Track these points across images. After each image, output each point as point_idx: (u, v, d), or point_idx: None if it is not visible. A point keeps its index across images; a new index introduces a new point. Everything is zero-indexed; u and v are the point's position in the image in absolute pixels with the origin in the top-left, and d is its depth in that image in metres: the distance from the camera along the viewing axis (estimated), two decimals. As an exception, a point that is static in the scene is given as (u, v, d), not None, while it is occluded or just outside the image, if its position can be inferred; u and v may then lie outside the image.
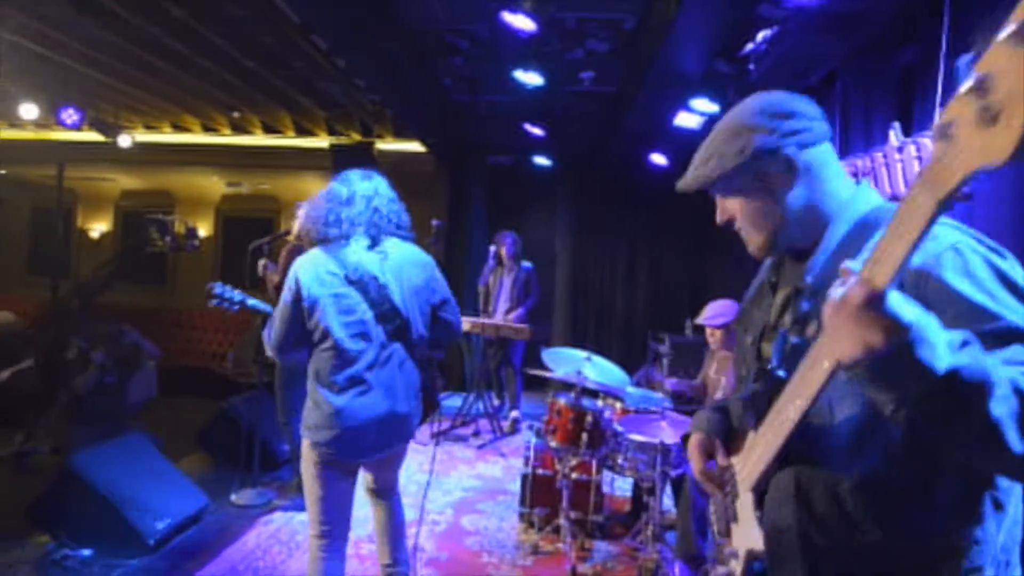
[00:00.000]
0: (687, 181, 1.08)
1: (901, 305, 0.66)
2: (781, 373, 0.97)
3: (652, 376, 5.36)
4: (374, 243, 2.00)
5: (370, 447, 1.98)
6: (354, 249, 1.98)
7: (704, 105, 4.34)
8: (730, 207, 1.07)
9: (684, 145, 6.39)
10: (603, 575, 2.96)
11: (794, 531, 0.93)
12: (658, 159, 6.10)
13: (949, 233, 0.88)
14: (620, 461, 3.04)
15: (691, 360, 4.89)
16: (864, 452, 0.89)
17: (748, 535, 1.03)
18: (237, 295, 2.55)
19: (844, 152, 3.39)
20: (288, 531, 3.22)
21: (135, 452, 3.17)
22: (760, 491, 1.01)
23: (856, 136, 3.49)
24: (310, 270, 1.94)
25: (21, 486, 3.22)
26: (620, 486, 3.92)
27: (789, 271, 1.10)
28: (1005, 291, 0.83)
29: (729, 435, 1.22)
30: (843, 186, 1.02)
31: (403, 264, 2.03)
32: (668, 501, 3.47)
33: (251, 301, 2.61)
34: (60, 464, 2.89)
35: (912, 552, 0.90)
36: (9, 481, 3.88)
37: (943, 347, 0.68)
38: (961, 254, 0.86)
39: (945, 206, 0.61)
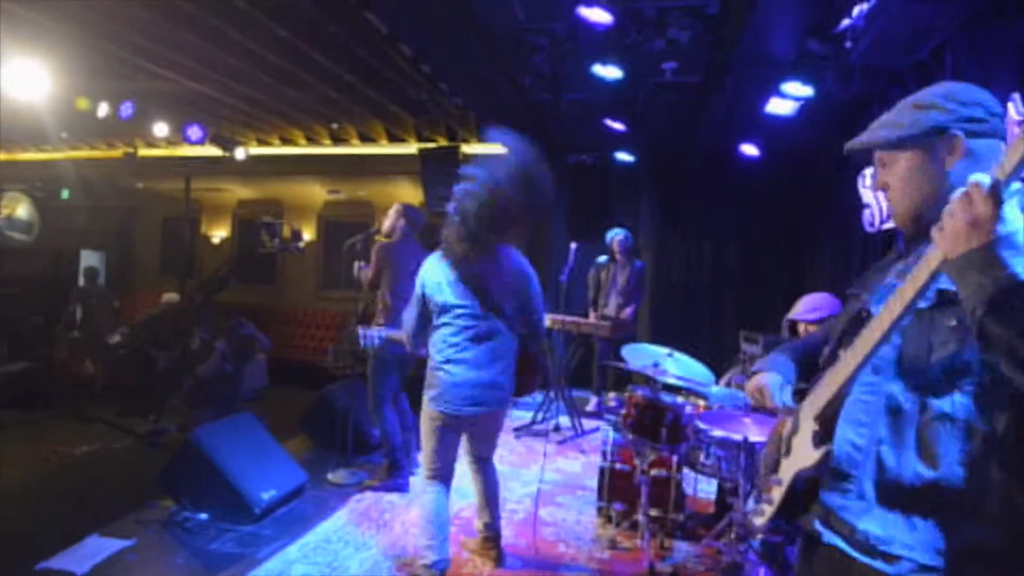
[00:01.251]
0: (856, 142, 1.15)
1: (1011, 209, 0.83)
2: (874, 310, 1.03)
3: (740, 383, 5.15)
4: None
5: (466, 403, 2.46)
6: None
7: (797, 89, 4.11)
8: (888, 175, 1.13)
9: (777, 133, 6.09)
10: (682, 575, 2.89)
11: (873, 456, 1.00)
12: (749, 149, 5.83)
13: None
14: (702, 459, 2.95)
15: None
16: (953, 380, 0.94)
17: (799, 459, 1.09)
18: (377, 335, 2.98)
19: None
20: (377, 509, 3.42)
21: (247, 431, 3.51)
22: (824, 418, 1.06)
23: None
24: None
25: (152, 459, 3.67)
26: (704, 488, 3.79)
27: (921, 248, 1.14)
28: None
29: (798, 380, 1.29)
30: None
31: None
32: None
33: (387, 334, 2.98)
34: (185, 438, 3.26)
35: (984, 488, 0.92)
36: (144, 454, 4.42)
37: None
38: None
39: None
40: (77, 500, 3.56)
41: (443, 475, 2.55)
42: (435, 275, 2.50)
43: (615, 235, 5.89)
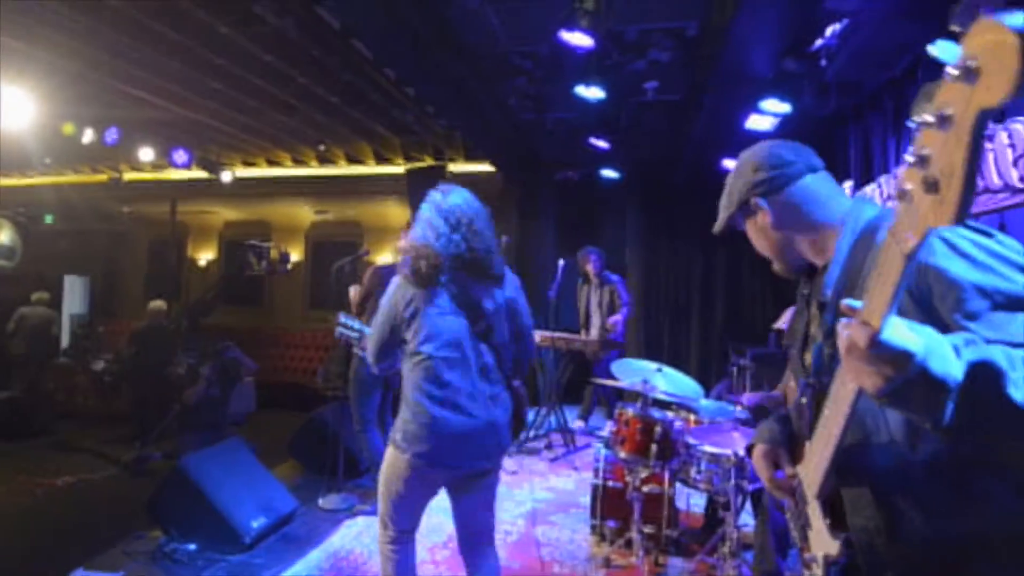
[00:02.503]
0: (716, 227, 1.29)
1: (902, 335, 0.70)
2: (817, 384, 1.04)
3: (729, 397, 5.18)
4: None
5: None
6: None
7: (775, 106, 4.21)
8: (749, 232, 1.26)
9: (756, 149, 6.22)
10: (678, 591, 2.88)
11: (882, 531, 0.95)
12: (731, 164, 5.92)
13: None
14: (693, 474, 2.96)
15: (775, 373, 4.66)
16: (921, 435, 0.91)
17: (823, 540, 1.05)
18: (358, 324, 2.59)
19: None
20: (370, 534, 3.38)
21: (235, 457, 3.46)
22: (824, 498, 1.03)
23: (944, 127, 3.26)
24: None
25: (139, 488, 3.61)
26: (697, 503, 3.79)
27: (816, 284, 1.19)
28: (999, 263, 0.86)
29: (793, 443, 1.24)
30: (837, 205, 1.14)
31: None
32: (748, 518, 3.33)
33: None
34: (172, 466, 3.21)
35: (998, 531, 0.89)
36: (130, 483, 4.34)
37: (951, 353, 0.72)
38: (948, 240, 0.90)
39: (912, 259, 0.67)
40: (62, 532, 3.49)
41: (410, 535, 2.11)
42: (436, 303, 2.00)
43: (582, 255, 5.69)
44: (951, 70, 0.59)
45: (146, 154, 6.67)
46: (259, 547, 3.12)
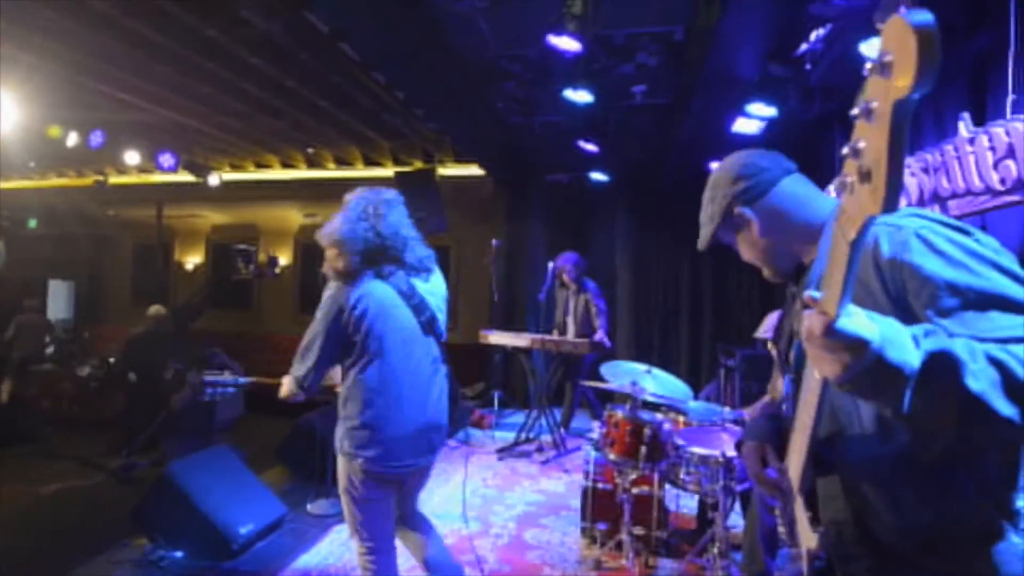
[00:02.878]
0: (700, 244, 1.30)
1: (858, 323, 0.72)
2: (799, 379, 1.03)
3: (718, 401, 5.18)
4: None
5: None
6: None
7: (761, 110, 4.25)
8: (737, 244, 1.26)
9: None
10: (668, 592, 2.89)
11: (850, 523, 0.98)
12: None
13: (912, 221, 0.95)
14: (682, 475, 2.97)
15: (765, 374, 4.70)
16: (893, 428, 0.93)
17: (807, 535, 1.07)
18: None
19: (915, 147, 3.22)
20: (358, 540, 3.36)
21: (222, 463, 3.43)
22: (805, 492, 1.04)
23: (927, 130, 3.32)
24: None
25: (125, 495, 3.56)
26: (687, 504, 3.81)
27: (802, 283, 1.21)
28: (974, 261, 0.86)
29: (782, 440, 1.25)
30: (819, 206, 1.16)
31: None
32: (737, 518, 3.35)
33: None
34: (159, 473, 3.18)
35: (961, 524, 0.91)
36: (116, 490, 4.29)
37: (910, 342, 0.74)
38: (924, 237, 0.91)
39: (856, 247, 0.70)
40: (47, 541, 3.44)
41: (388, 545, 2.10)
42: (381, 299, 1.98)
43: (562, 262, 5.49)
44: (870, 65, 0.62)
45: (132, 157, 6.61)
46: (247, 554, 3.09)
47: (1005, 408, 0.73)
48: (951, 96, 3.01)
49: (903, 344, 0.73)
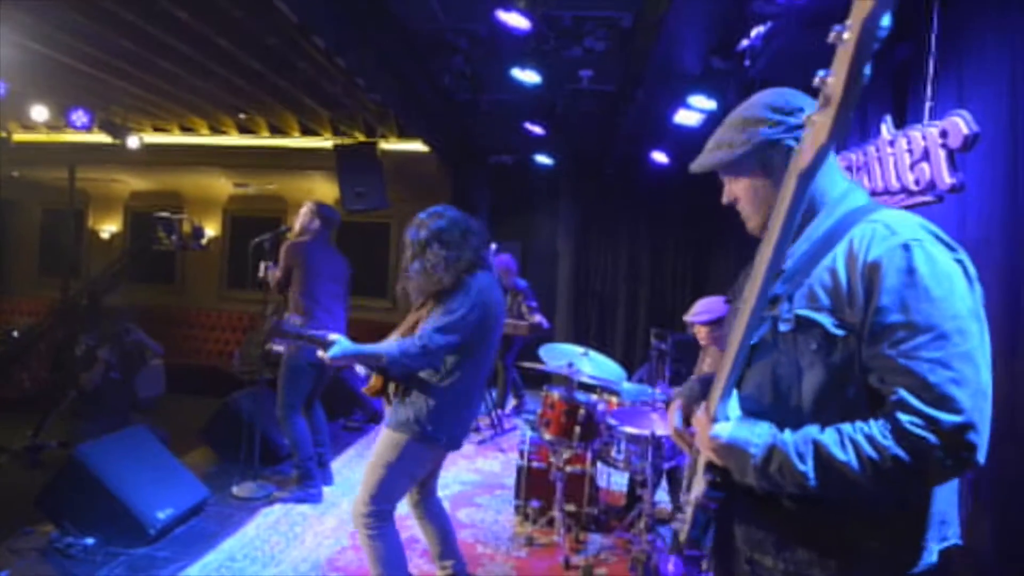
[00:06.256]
0: (699, 162, 1.17)
1: (724, 430, 0.99)
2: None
3: (651, 383, 5.33)
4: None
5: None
6: None
7: (703, 102, 4.35)
8: (735, 189, 1.16)
9: (684, 143, 6.38)
10: (596, 567, 2.99)
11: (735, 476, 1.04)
12: (659, 157, 6.10)
13: (909, 229, 0.95)
14: (614, 454, 3.06)
15: (695, 358, 4.89)
16: (826, 409, 0.97)
17: (700, 483, 1.12)
18: (295, 329, 2.34)
19: (840, 147, 3.40)
20: (287, 522, 3.27)
21: (138, 445, 3.24)
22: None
23: (854, 131, 3.49)
24: None
25: (31, 479, 3.30)
26: (617, 481, 3.94)
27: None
28: (940, 295, 0.90)
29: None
30: (836, 182, 1.10)
31: None
32: (663, 495, 3.49)
33: (309, 334, 2.31)
34: (67, 456, 2.96)
35: (855, 508, 0.97)
36: (20, 474, 3.98)
37: (756, 438, 0.96)
38: (909, 250, 0.92)
39: (806, 177, 0.76)
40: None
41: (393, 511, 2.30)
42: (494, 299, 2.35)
43: (494, 261, 5.30)
44: None
45: (39, 113, 6.03)
46: (165, 539, 2.95)
47: (866, 482, 0.90)
48: (876, 99, 3.17)
49: (748, 436, 0.98)
